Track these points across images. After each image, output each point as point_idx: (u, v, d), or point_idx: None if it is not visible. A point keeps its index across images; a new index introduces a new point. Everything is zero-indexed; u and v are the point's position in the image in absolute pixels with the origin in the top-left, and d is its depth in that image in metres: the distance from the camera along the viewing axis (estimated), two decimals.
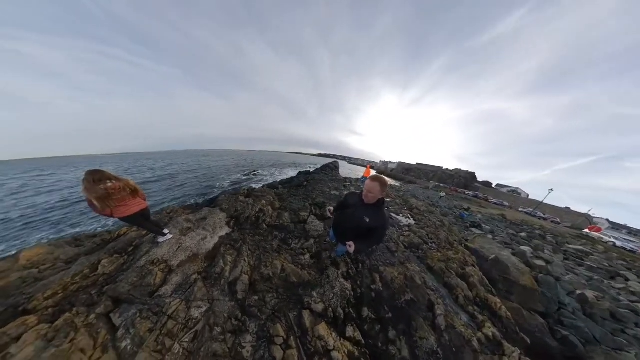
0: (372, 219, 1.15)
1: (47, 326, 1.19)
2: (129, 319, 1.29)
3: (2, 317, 1.26)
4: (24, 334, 1.13)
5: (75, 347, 1.10)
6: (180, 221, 2.30)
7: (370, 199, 1.12)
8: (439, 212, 7.77)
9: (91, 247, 2.02)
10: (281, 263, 2.01)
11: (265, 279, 1.82)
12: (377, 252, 2.50)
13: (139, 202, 1.63)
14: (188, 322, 1.32)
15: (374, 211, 1.16)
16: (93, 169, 1.41)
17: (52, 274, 1.66)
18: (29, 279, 1.59)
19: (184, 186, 13.08)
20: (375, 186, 1.09)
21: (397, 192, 12.74)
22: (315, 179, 8.17)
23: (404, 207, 5.97)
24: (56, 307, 1.34)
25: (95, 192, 1.35)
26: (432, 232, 3.75)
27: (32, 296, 1.38)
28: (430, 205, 9.12)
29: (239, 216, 2.64)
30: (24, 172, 26.04)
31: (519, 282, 2.66)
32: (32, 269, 1.69)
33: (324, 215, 3.22)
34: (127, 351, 1.13)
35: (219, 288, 1.61)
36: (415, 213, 5.28)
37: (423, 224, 4.29)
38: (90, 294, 1.44)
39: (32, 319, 1.23)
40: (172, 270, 1.69)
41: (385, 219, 1.17)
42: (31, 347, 1.06)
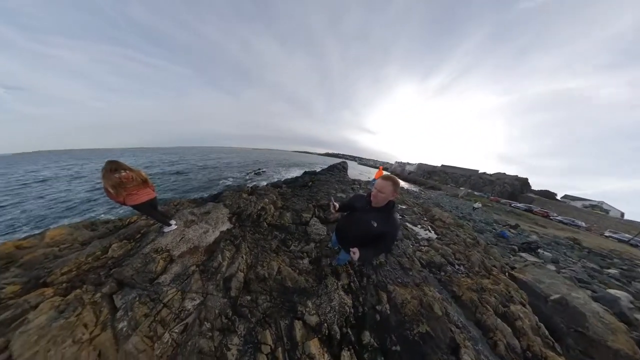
0: (380, 224, 1.07)
1: (60, 299, 1.35)
2: (128, 302, 1.41)
3: (26, 286, 1.47)
4: (41, 303, 1.30)
5: (80, 321, 1.23)
6: (185, 213, 2.50)
7: (380, 200, 1.04)
8: (472, 227, 6.67)
9: (104, 231, 2.27)
10: (278, 265, 2.04)
11: (260, 279, 1.85)
12: (385, 266, 2.31)
13: (148, 192, 1.85)
14: (181, 313, 1.40)
15: (383, 215, 1.07)
16: (111, 159, 1.67)
17: (69, 252, 1.89)
18: (50, 255, 1.84)
19: (192, 180, 14.30)
20: (386, 185, 1.00)
21: (416, 198, 11.79)
22: (321, 179, 7.89)
23: (424, 216, 5.44)
24: (69, 282, 1.52)
25: (111, 180, 1.60)
26: (460, 251, 3.26)
27: (51, 271, 1.59)
28: (459, 217, 8.09)
29: (241, 213, 2.77)
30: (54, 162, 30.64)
31: (605, 342, 1.86)
32: (54, 247, 1.95)
33: (327, 218, 3.22)
34: (122, 332, 1.22)
35: (214, 282, 1.68)
36: (438, 225, 4.71)
37: (448, 239, 3.78)
38: (99, 274, 1.62)
39: (49, 291, 1.42)
40: (173, 260, 1.83)
41: (395, 225, 1.07)
42: (45, 315, 1.22)
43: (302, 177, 8.68)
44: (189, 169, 19.95)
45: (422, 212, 6.08)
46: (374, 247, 1.08)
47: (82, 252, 1.83)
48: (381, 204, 1.07)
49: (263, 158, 49.57)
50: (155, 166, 20.73)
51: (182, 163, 24.46)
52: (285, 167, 30.50)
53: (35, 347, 1.07)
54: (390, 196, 1.03)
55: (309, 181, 7.30)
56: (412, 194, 14.86)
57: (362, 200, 1.22)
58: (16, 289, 1.44)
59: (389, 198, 1.04)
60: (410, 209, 6.03)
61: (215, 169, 20.92)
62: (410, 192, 16.16)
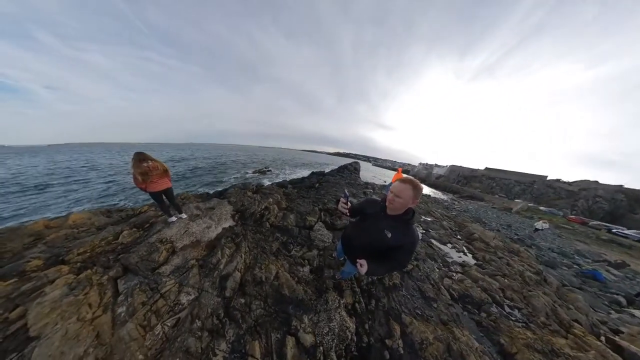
0: (395, 235, 0.97)
1: (73, 277, 1.53)
2: (130, 288, 1.53)
3: (47, 262, 1.70)
4: (57, 279, 1.49)
5: (86, 300, 1.36)
6: (191, 207, 2.69)
7: (397, 206, 0.94)
8: (534, 257, 4.87)
9: (117, 219, 2.55)
10: (277, 269, 2.04)
11: (256, 282, 1.86)
12: (401, 289, 2.08)
13: (165, 181, 2.15)
14: (175, 306, 1.47)
15: (399, 225, 0.98)
16: (139, 151, 2.00)
17: (86, 235, 2.15)
18: (70, 236, 2.11)
19: (200, 176, 15.59)
20: (405, 189, 0.90)
21: (446, 209, 9.86)
22: (330, 181, 7.44)
23: (457, 234, 4.70)
24: (83, 263, 1.72)
25: (140, 168, 1.94)
26: (513, 288, 2.60)
27: (70, 250, 1.82)
28: (512, 239, 6.28)
29: (245, 211, 2.89)
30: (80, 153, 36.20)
31: None
32: (75, 229, 2.24)
33: (334, 224, 3.16)
34: (120, 317, 1.32)
35: (210, 279, 1.75)
36: (478, 248, 3.93)
37: (494, 268, 3.11)
38: (108, 258, 1.80)
39: (65, 268, 1.62)
40: (175, 252, 1.96)
41: (414, 238, 0.96)
42: (59, 290, 1.38)
43: (309, 178, 8.43)
44: (198, 164, 22.00)
45: (454, 227, 5.22)
46: (385, 262, 0.99)
47: (97, 235, 2.07)
48: (398, 211, 0.96)
49: (269, 157, 51.17)
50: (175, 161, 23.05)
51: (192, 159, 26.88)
52: (291, 166, 30.98)
53: (46, 318, 1.21)
54: (409, 203, 0.92)
55: (316, 182, 7.16)
56: (442, 203, 12.65)
57: (375, 205, 1.12)
58: (39, 264, 1.67)
59: (407, 205, 0.93)
60: (437, 222, 5.23)
61: (223, 166, 22.78)
62: (438, 201, 13.89)
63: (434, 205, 10.12)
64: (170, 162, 21.43)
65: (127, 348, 1.12)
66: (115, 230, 2.17)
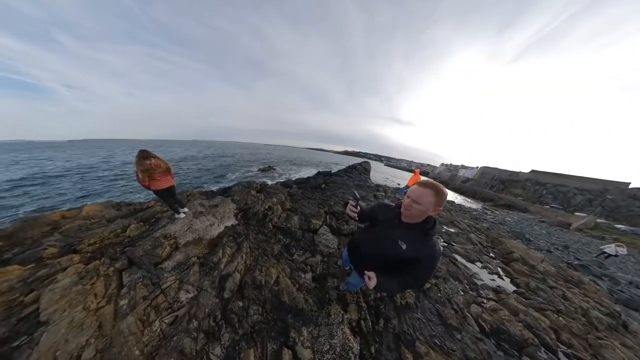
0: (411, 247, 0.89)
1: (83, 266, 1.65)
2: (133, 281, 1.61)
3: (61, 251, 1.86)
4: (69, 267, 1.62)
5: (93, 290, 1.46)
6: (195, 204, 2.82)
7: (415, 213, 0.86)
8: (606, 292, 3.77)
9: (126, 212, 2.74)
10: (277, 273, 2.04)
11: (256, 285, 1.87)
12: (415, 311, 1.94)
13: (168, 179, 2.26)
14: (174, 303, 1.52)
15: (416, 235, 0.90)
16: (143, 148, 2.13)
17: (97, 227, 2.33)
18: (83, 227, 2.30)
19: (205, 174, 16.46)
20: (425, 194, 0.81)
21: (475, 220, 8.67)
22: (337, 182, 7.28)
23: (489, 250, 3.99)
24: (92, 253, 1.86)
25: (142, 165, 2.04)
26: (574, 330, 2.15)
27: (82, 240, 1.98)
28: (569, 264, 4.96)
29: (248, 210, 2.96)
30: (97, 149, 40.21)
31: None
32: (87, 220, 2.44)
33: (340, 229, 3.10)
34: (122, 310, 1.39)
35: (210, 279, 1.79)
36: (518, 271, 3.32)
37: (543, 300, 2.64)
38: (115, 250, 1.92)
39: (76, 257, 1.75)
40: (178, 248, 2.05)
41: (434, 251, 0.87)
42: (69, 279, 1.50)
43: (315, 178, 8.20)
44: (204, 162, 23.40)
45: (486, 242, 4.48)
46: (398, 277, 0.90)
47: (107, 228, 2.23)
48: (415, 219, 0.88)
49: (274, 155, 51.81)
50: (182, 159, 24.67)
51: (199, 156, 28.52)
52: (296, 165, 31.12)
53: (56, 305, 1.31)
54: (429, 210, 0.83)
55: (323, 183, 7.01)
56: (469, 212, 11.06)
57: (388, 211, 1.04)
58: (54, 252, 1.84)
59: (427, 213, 0.85)
60: (463, 234, 4.59)
61: (228, 163, 23.96)
62: (465, 209, 11.88)
63: (459, 214, 8.86)
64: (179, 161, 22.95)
65: (125, 342, 1.17)
66: (124, 224, 2.32)
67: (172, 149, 47.74)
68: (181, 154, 33.44)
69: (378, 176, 27.83)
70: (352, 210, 1.07)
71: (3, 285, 1.43)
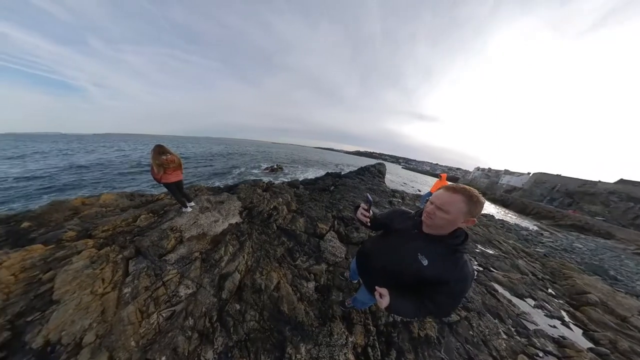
0: (435, 264, 0.77)
1: (95, 251, 1.81)
2: (138, 270, 1.72)
3: (79, 235, 2.07)
4: (83, 251, 1.79)
5: (101, 275, 1.58)
6: (202, 199, 2.97)
7: (439, 223, 0.74)
8: None
9: (138, 203, 2.98)
10: (278, 278, 2.02)
11: (255, 288, 1.87)
12: (438, 347, 1.73)
13: (177, 174, 2.45)
14: (173, 297, 1.57)
15: (441, 250, 0.77)
16: (159, 144, 2.34)
17: (111, 215, 2.56)
18: (99, 214, 2.55)
19: (213, 170, 17.87)
20: (455, 200, 0.69)
21: (526, 241, 7.31)
22: (347, 184, 7.04)
23: (547, 285, 3.36)
24: (105, 240, 2.03)
25: (158, 160, 2.25)
26: None
27: (96, 227, 2.18)
28: None
29: (253, 209, 3.03)
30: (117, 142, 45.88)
31: None
32: (103, 208, 2.70)
33: (349, 236, 3.01)
34: (125, 298, 1.48)
35: (210, 276, 1.83)
36: (595, 321, 2.67)
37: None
38: (125, 238, 2.09)
39: (90, 242, 1.93)
40: (182, 241, 2.15)
41: (465, 274, 0.74)
42: (82, 262, 1.65)
43: (324, 179, 8.07)
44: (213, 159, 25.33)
45: (542, 274, 3.65)
46: (417, 300, 0.78)
47: (120, 216, 2.44)
48: (439, 230, 0.77)
49: (281, 153, 52.94)
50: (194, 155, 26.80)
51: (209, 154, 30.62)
52: (304, 164, 31.31)
53: (68, 286, 1.44)
54: (459, 221, 0.71)
55: (331, 185, 6.87)
56: (516, 231, 9.18)
57: (406, 219, 0.94)
58: (72, 235, 2.05)
59: (456, 224, 0.72)
60: (507, 258, 3.78)
61: (236, 161, 25.44)
62: (509, 226, 9.94)
63: (500, 231, 7.48)
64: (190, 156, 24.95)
65: (123, 331, 1.23)
66: (135, 214, 2.52)
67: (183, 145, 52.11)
68: (192, 149, 36.33)
69: (395, 180, 26.65)
70: (364, 215, 0.99)
71: (27, 262, 1.63)
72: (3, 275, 1.45)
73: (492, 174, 42.58)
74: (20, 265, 1.57)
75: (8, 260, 1.57)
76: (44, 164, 16.69)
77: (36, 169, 14.08)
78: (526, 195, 27.49)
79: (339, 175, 10.41)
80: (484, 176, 43.09)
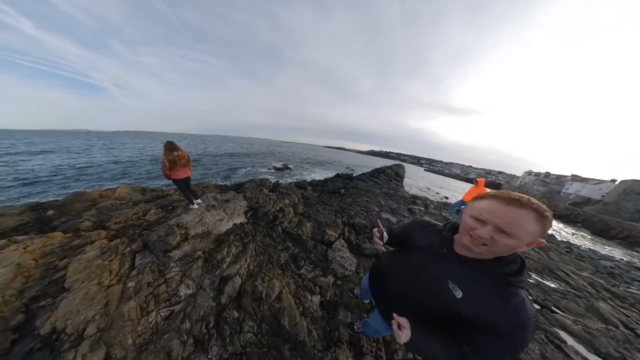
0: (474, 298, 0.61)
1: (107, 242, 1.96)
2: (143, 265, 1.81)
3: (94, 225, 2.27)
4: (96, 241, 1.94)
5: (110, 267, 1.69)
6: (209, 197, 3.10)
7: (499, 251, 0.58)
8: None
9: (149, 197, 3.21)
10: (281, 287, 1.98)
11: (255, 296, 1.84)
12: None
13: (185, 171, 2.63)
14: (173, 297, 1.62)
15: (484, 280, 0.61)
16: (170, 140, 2.54)
17: (124, 207, 2.78)
18: (114, 206, 2.78)
19: (221, 167, 19.26)
20: (523, 219, 0.53)
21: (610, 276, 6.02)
22: (359, 187, 6.74)
23: None
24: (116, 232, 2.20)
25: (170, 156, 2.44)
26: None
27: (110, 218, 2.38)
28: None
29: (258, 209, 3.08)
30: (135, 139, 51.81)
31: None
32: (118, 201, 2.94)
33: (360, 247, 2.88)
34: (128, 292, 1.56)
35: (211, 278, 1.86)
36: None
37: None
38: (135, 232, 2.23)
39: (103, 233, 2.10)
40: (187, 238, 2.24)
41: (522, 317, 0.55)
42: (93, 252, 1.79)
43: (333, 181, 7.91)
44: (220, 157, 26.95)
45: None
46: (448, 341, 0.62)
47: (132, 210, 2.63)
48: (491, 254, 0.59)
49: (289, 152, 53.90)
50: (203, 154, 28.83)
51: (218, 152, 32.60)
52: (313, 164, 31.67)
53: (78, 275, 1.57)
54: (522, 244, 0.55)
55: (342, 187, 6.73)
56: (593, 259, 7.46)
57: (431, 232, 0.80)
58: (89, 225, 2.25)
59: (519, 249, 0.57)
60: (580, 297, 2.96)
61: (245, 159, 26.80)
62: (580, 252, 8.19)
63: (566, 258, 5.58)
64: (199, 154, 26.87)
65: (122, 327, 1.28)
66: (145, 208, 2.71)
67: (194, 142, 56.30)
68: (201, 146, 39.07)
69: (416, 184, 24.97)
70: (378, 243, 0.95)
71: (47, 248, 1.81)
72: (26, 259, 1.63)
73: (551, 181, 35.19)
74: (41, 251, 1.75)
75: (32, 246, 1.76)
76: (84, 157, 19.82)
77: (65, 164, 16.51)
78: (609, 211, 21.89)
79: (350, 177, 10.07)
80: (540, 183, 35.78)
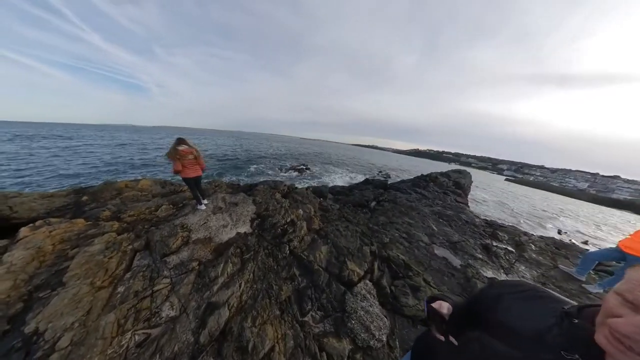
0: None
1: (115, 235, 2.18)
2: (139, 267, 1.91)
3: (112, 215, 2.61)
4: (106, 233, 2.19)
5: (107, 265, 1.84)
6: (218, 198, 3.22)
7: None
8: None
9: (167, 191, 3.59)
10: (274, 339, 1.63)
11: (240, 345, 1.51)
12: None
13: (196, 169, 2.80)
14: (154, 316, 1.59)
15: None
16: (180, 136, 2.73)
17: (143, 199, 3.15)
18: (134, 197, 3.18)
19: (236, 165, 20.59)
20: None
21: None
22: (397, 201, 5.37)
23: None
24: (127, 225, 2.46)
25: (175, 150, 2.64)
26: None
27: (126, 210, 2.70)
28: None
29: (266, 218, 3.00)
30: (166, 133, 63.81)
31: None
32: (139, 192, 3.37)
33: (398, 300, 2.23)
34: (116, 298, 1.63)
35: (197, 300, 1.78)
36: None
37: None
38: (143, 227, 2.45)
39: (116, 225, 2.36)
40: (188, 243, 2.32)
41: None
42: (98, 246, 1.99)
43: (361, 189, 6.58)
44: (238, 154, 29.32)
45: None
46: None
47: (146, 204, 2.94)
48: None
49: (310, 151, 52.47)
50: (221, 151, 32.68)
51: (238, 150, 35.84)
52: (336, 165, 29.26)
53: (78, 269, 1.74)
54: None
55: (373, 199, 5.55)
56: None
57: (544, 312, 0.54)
58: (107, 215, 2.60)
59: None
60: None
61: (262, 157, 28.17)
62: None
63: None
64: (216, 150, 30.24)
65: (93, 345, 1.30)
66: (158, 203, 2.99)
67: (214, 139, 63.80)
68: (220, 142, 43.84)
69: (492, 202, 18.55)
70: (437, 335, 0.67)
71: (67, 235, 2.12)
72: (46, 244, 1.93)
73: None
74: (61, 237, 2.06)
75: (56, 230, 2.10)
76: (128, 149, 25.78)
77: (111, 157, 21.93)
78: None
79: (384, 185, 8.64)
80: None
